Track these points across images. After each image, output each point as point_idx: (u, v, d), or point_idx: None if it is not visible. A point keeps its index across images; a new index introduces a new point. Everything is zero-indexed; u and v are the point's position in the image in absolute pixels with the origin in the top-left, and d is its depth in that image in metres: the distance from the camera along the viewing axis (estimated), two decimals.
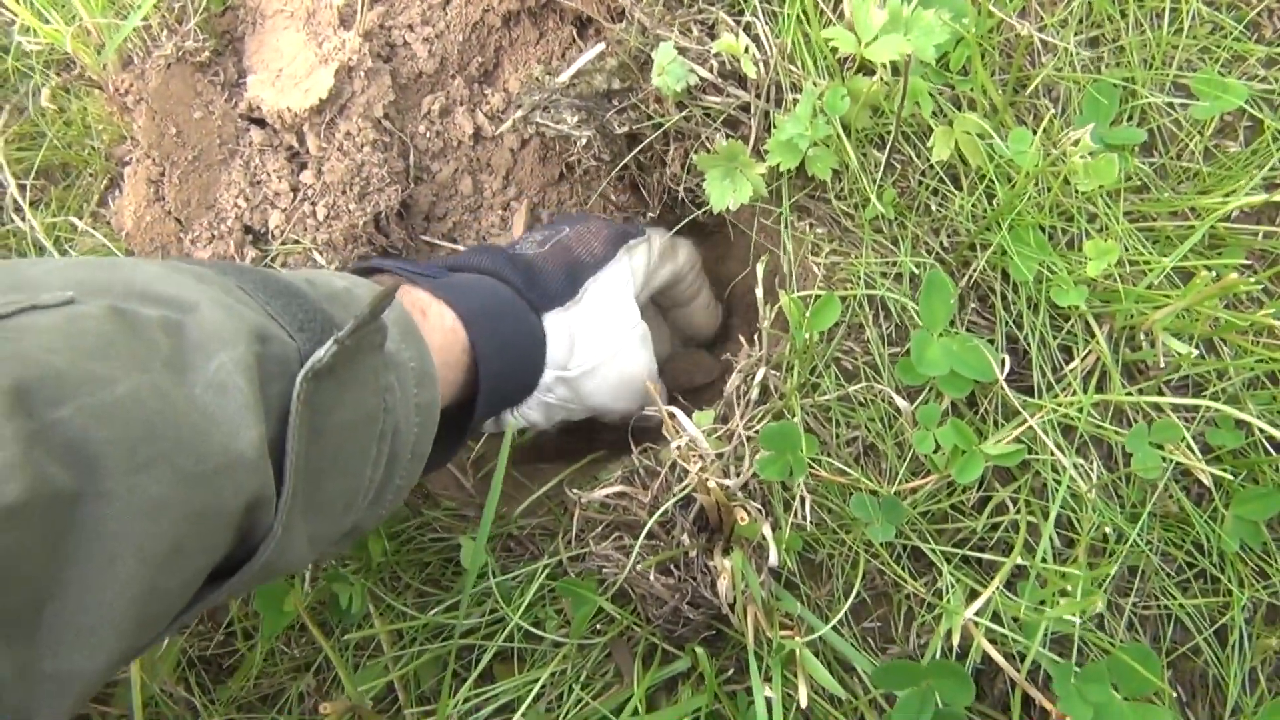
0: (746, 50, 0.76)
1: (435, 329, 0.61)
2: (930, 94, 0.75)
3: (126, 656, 0.39)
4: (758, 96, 0.78)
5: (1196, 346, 0.73)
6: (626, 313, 0.75)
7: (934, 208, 0.76)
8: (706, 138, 0.79)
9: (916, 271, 0.75)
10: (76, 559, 0.36)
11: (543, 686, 0.71)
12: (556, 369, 0.71)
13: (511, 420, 0.73)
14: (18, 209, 0.86)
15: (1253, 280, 0.68)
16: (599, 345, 0.73)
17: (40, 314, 0.38)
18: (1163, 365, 0.73)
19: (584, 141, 0.82)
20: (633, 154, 0.83)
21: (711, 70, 0.78)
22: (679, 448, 0.69)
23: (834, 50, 0.75)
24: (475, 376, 0.64)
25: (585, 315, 0.72)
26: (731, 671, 0.72)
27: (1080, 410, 0.70)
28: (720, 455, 0.71)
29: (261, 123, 0.85)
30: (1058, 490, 0.69)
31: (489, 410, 0.67)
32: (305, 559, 0.48)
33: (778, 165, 0.75)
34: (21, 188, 0.86)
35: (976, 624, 0.65)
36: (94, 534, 0.36)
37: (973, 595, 0.68)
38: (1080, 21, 0.80)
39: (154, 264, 0.46)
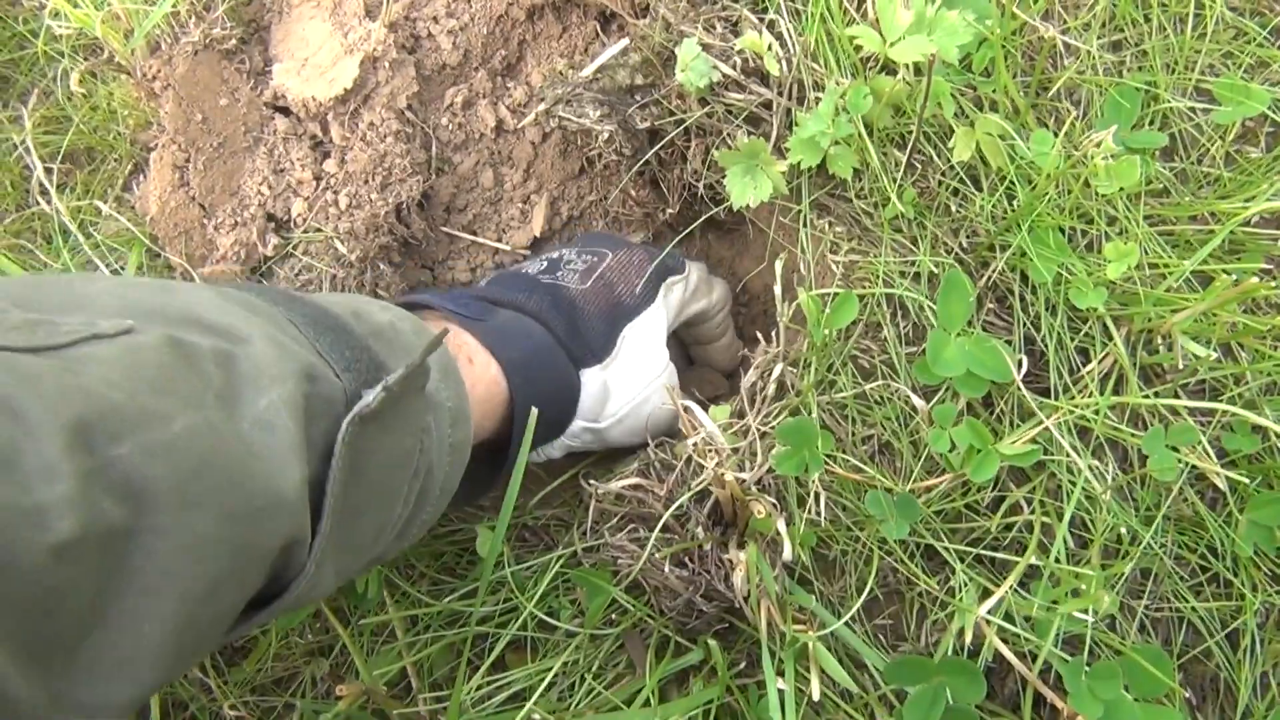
0: (770, 48, 0.76)
1: (480, 379, 0.63)
2: (952, 94, 0.75)
3: (158, 687, 0.40)
4: (780, 94, 0.78)
5: (1214, 350, 0.73)
6: (657, 358, 0.76)
7: (954, 208, 0.76)
8: (728, 134, 0.80)
9: (935, 271, 0.75)
10: (122, 593, 0.36)
11: (555, 676, 0.72)
12: (586, 420, 0.72)
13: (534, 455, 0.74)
14: (44, 192, 0.87)
15: (1272, 285, 0.68)
16: (628, 394, 0.74)
17: (101, 344, 0.38)
18: (1180, 368, 0.73)
19: (605, 136, 0.82)
20: (654, 150, 0.83)
21: (734, 67, 0.79)
22: (695, 444, 0.69)
23: (857, 49, 0.75)
24: (510, 423, 0.65)
25: (620, 368, 0.74)
26: (743, 665, 0.72)
27: (1097, 412, 0.70)
28: (736, 450, 0.72)
29: (286, 111, 0.86)
30: (1072, 491, 0.69)
31: (517, 454, 0.69)
32: (330, 589, 0.49)
33: (798, 163, 0.75)
34: (48, 171, 0.87)
35: (989, 622, 0.65)
36: (141, 569, 0.36)
37: (985, 594, 0.68)
38: (1103, 25, 0.80)
39: (208, 290, 0.47)
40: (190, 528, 0.37)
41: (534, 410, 0.65)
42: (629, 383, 0.74)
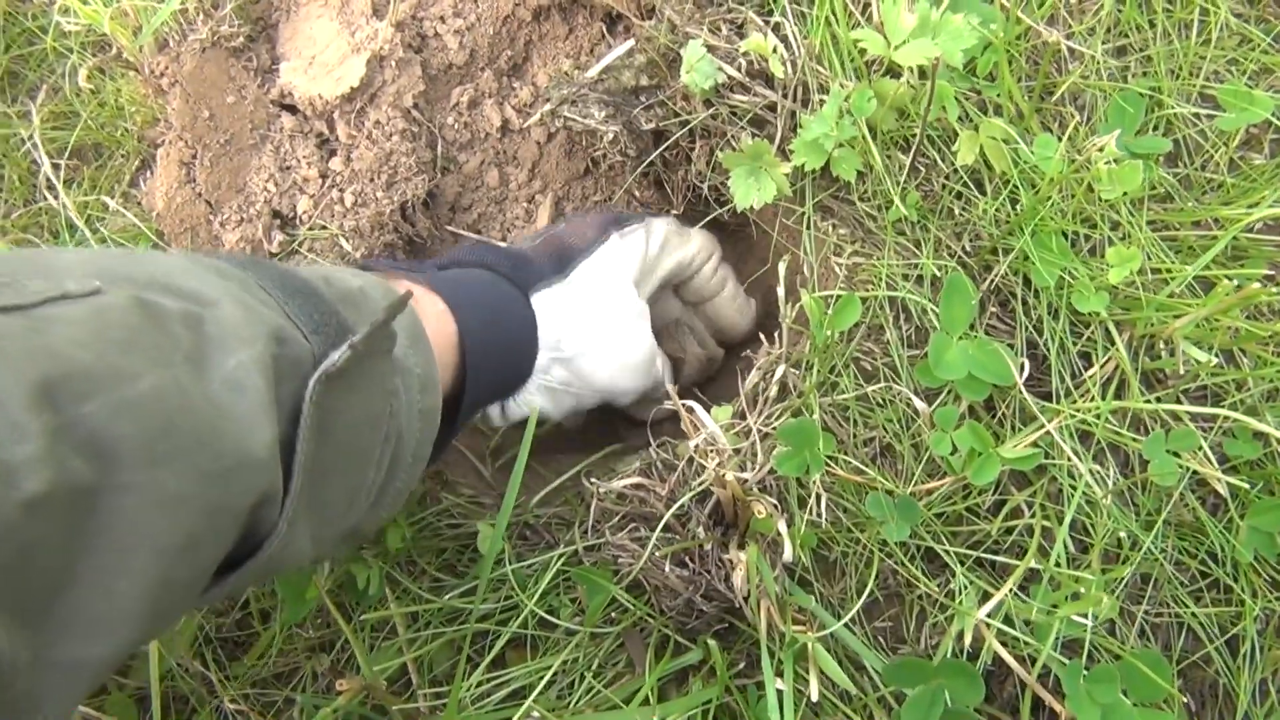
0: (775, 50, 0.77)
1: (427, 315, 0.62)
2: (956, 98, 0.75)
3: (135, 645, 0.40)
4: (784, 96, 0.78)
5: (1216, 356, 0.73)
6: (621, 291, 0.75)
7: (957, 211, 0.77)
8: (732, 136, 0.80)
9: (938, 274, 0.75)
10: (93, 550, 0.36)
11: (555, 674, 0.72)
12: (550, 350, 0.71)
13: (515, 408, 0.73)
14: (51, 187, 0.87)
15: (1274, 291, 0.68)
16: (593, 324, 0.72)
17: (68, 304, 0.38)
18: (1182, 374, 0.73)
19: (610, 137, 0.83)
20: (659, 151, 0.84)
21: (739, 69, 0.79)
22: (697, 445, 0.69)
23: (862, 52, 0.76)
24: (463, 371, 0.65)
25: (576, 293, 0.72)
26: (743, 665, 0.72)
27: (1098, 416, 0.71)
28: (738, 451, 0.72)
29: (293, 109, 0.86)
30: (1073, 495, 0.69)
31: (481, 394, 0.67)
32: (306, 555, 0.49)
33: (802, 165, 0.75)
34: (55, 167, 0.87)
35: (988, 625, 0.65)
36: (111, 526, 0.36)
37: (985, 597, 0.68)
38: (1108, 30, 0.80)
39: (176, 257, 0.47)
40: (160, 485, 0.37)
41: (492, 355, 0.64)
42: (590, 311, 0.72)
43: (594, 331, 0.72)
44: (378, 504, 0.55)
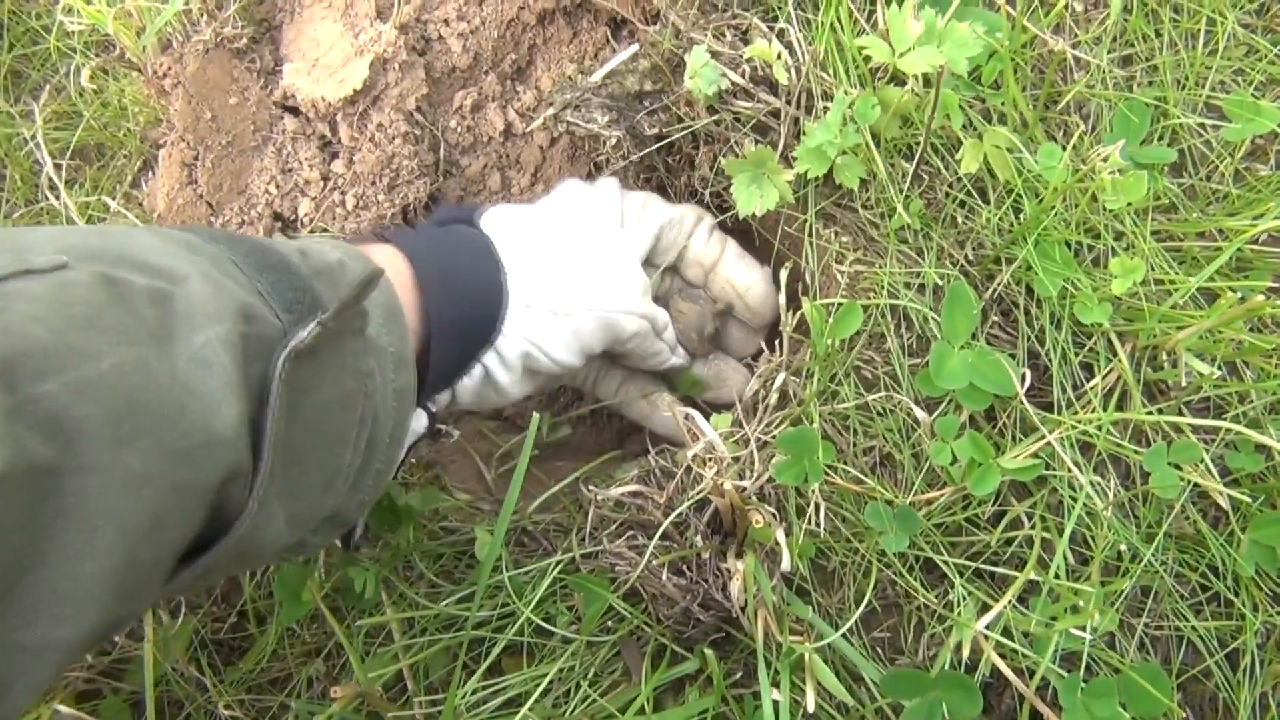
0: (779, 56, 0.76)
1: (382, 262, 0.59)
2: (961, 106, 0.75)
3: (104, 629, 0.40)
4: (788, 103, 0.78)
5: (1219, 368, 0.73)
6: (598, 209, 0.72)
7: (960, 220, 0.76)
8: (736, 142, 0.80)
9: (940, 283, 0.75)
10: (56, 530, 0.36)
11: (551, 682, 0.71)
12: (522, 276, 0.67)
13: (491, 366, 0.68)
14: (53, 187, 0.87)
15: (1278, 304, 0.68)
16: (564, 241, 0.69)
17: (31, 280, 0.38)
18: (1184, 385, 0.72)
19: (613, 141, 0.82)
20: (662, 156, 0.83)
21: (743, 75, 0.79)
22: (696, 455, 0.69)
23: (866, 59, 0.75)
24: (427, 307, 0.62)
25: (549, 206, 0.70)
26: (739, 675, 0.72)
27: (1099, 428, 0.70)
28: (737, 459, 0.72)
29: (295, 111, 0.86)
30: (1073, 507, 0.69)
31: (449, 343, 0.63)
32: (283, 538, 0.48)
33: (805, 172, 0.75)
34: (57, 167, 0.87)
35: (987, 637, 0.65)
36: (74, 506, 0.36)
37: (984, 609, 0.68)
38: (1114, 39, 0.80)
39: (147, 232, 0.47)
40: (124, 465, 0.37)
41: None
42: (565, 219, 0.70)
43: (568, 249, 0.69)
44: (356, 487, 0.54)
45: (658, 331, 0.78)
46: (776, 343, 0.78)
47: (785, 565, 0.67)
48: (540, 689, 0.70)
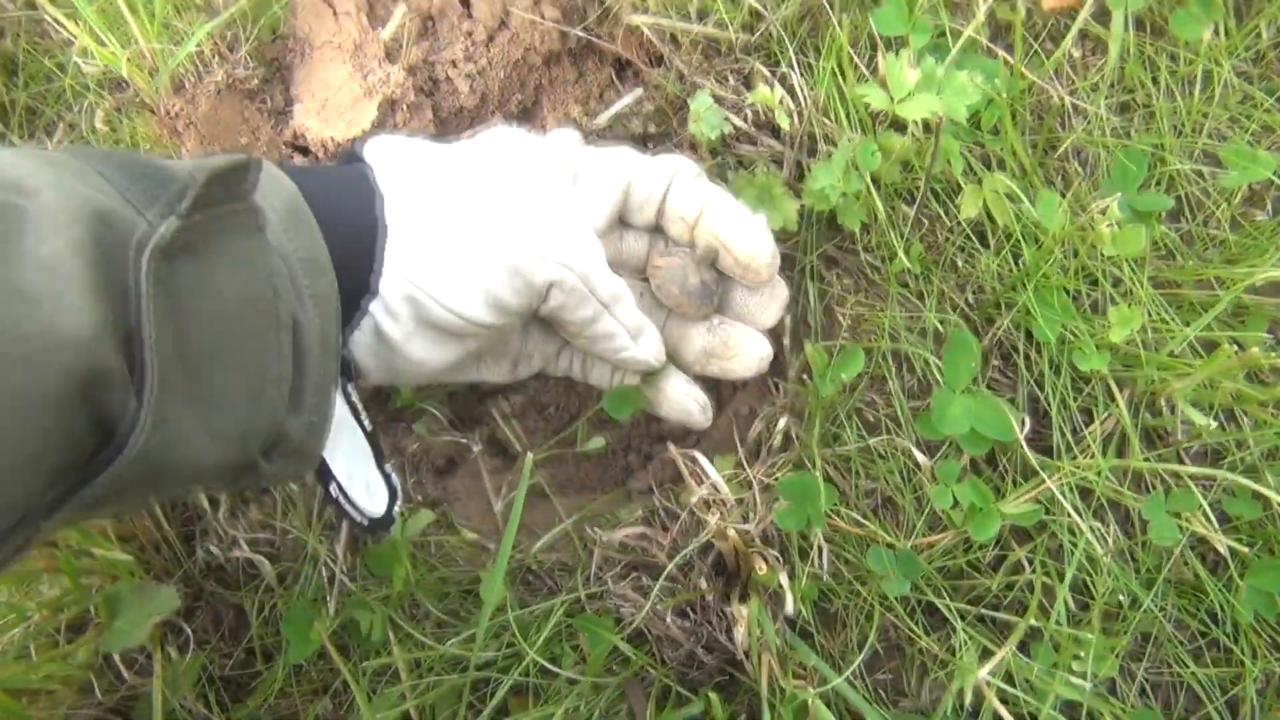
0: (781, 102, 0.77)
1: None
2: (960, 152, 0.76)
3: None
4: (790, 147, 0.79)
5: (1216, 417, 0.74)
6: (529, 156, 0.65)
7: (960, 265, 0.77)
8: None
9: (940, 327, 0.76)
10: None
11: None
12: (399, 210, 0.60)
13: (378, 315, 0.60)
14: None
15: (1275, 355, 0.68)
16: (470, 184, 0.62)
17: None
18: (1180, 435, 0.73)
19: None
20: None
21: (746, 120, 0.80)
22: (699, 499, 0.70)
23: (867, 105, 0.76)
24: None
25: (448, 152, 0.64)
26: (743, 718, 0.72)
27: (1099, 474, 0.71)
28: (740, 501, 0.72)
29: (305, 151, 0.87)
30: (1074, 552, 0.70)
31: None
32: (211, 455, 0.46)
33: (811, 206, 0.75)
34: None
35: (989, 684, 0.66)
36: None
37: (986, 654, 0.68)
38: (1111, 86, 0.81)
39: (8, 150, 0.45)
40: None
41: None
42: (481, 156, 0.64)
43: (474, 184, 0.62)
44: (297, 405, 0.52)
45: (599, 298, 0.64)
46: (779, 385, 0.78)
47: (789, 609, 0.67)
48: None
